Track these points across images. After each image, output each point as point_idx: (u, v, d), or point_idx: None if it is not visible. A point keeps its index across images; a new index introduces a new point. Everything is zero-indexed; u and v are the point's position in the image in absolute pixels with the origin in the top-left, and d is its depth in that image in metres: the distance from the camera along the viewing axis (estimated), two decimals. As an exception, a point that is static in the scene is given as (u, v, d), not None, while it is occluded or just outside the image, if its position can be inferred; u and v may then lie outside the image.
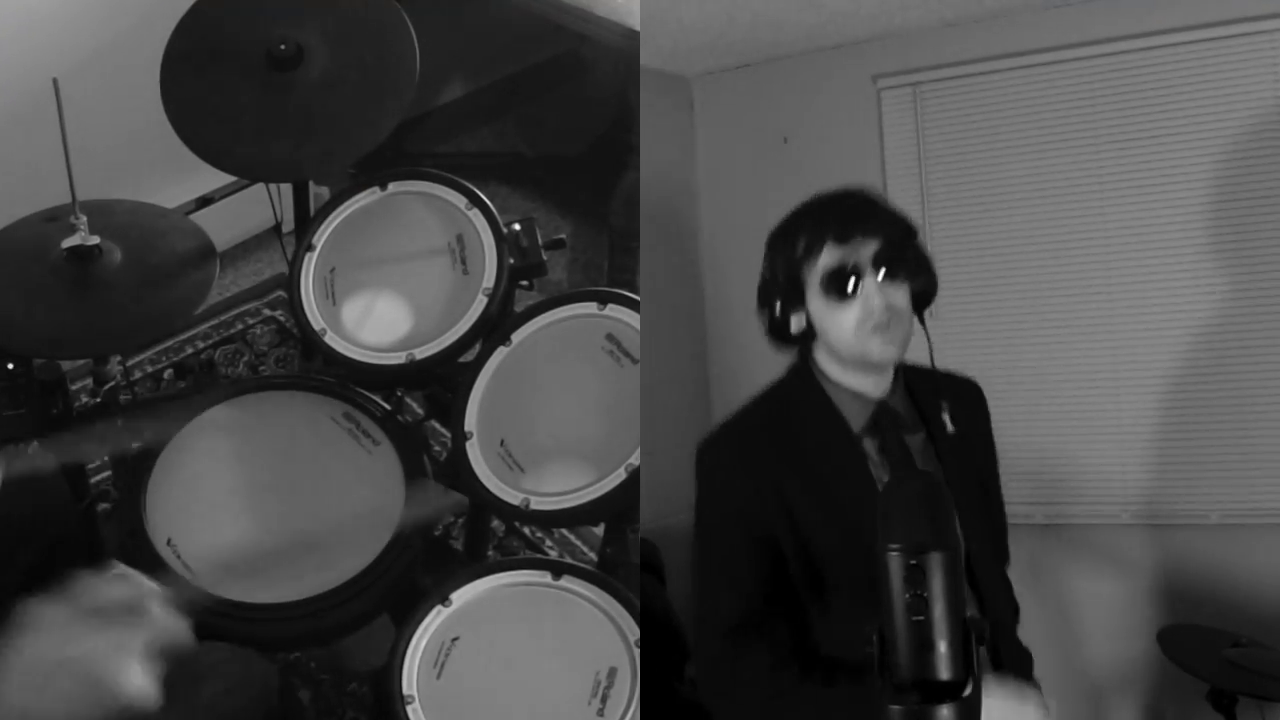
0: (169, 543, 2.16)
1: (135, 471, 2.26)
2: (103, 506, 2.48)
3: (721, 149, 4.10)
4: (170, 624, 1.42)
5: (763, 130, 4.00)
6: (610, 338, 2.28)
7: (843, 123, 3.88)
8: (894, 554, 1.34)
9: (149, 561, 2.13)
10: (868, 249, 1.80)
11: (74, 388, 2.55)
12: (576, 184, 3.77)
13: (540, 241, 2.46)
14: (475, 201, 2.47)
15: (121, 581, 1.44)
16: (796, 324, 1.88)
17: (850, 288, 1.80)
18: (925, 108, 3.74)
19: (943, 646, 1.31)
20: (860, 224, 1.80)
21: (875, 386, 1.88)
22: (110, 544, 2.38)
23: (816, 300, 1.84)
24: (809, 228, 1.85)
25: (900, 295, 1.81)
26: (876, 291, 1.79)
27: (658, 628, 3.09)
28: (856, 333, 1.80)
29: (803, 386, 1.94)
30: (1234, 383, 3.30)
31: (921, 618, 1.30)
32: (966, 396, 1.99)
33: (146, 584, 1.46)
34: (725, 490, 1.90)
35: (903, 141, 3.78)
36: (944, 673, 1.31)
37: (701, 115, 4.14)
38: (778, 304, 1.90)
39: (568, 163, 3.83)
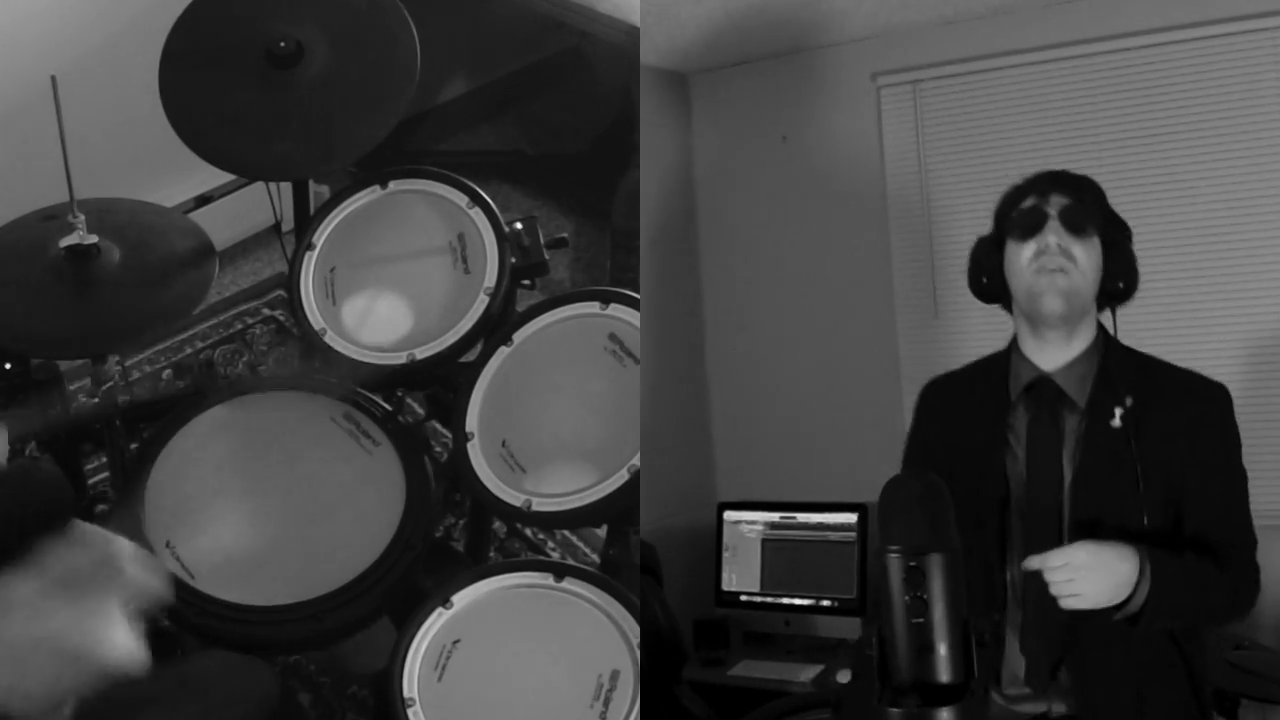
0: (168, 544, 2.15)
1: (134, 472, 2.25)
2: (101, 508, 2.46)
3: (720, 147, 4.09)
4: (145, 580, 1.39)
5: (761, 128, 3.99)
6: (613, 337, 2.27)
7: (842, 121, 3.87)
8: (893, 555, 1.34)
9: (148, 563, 2.12)
10: (1059, 201, 1.94)
11: (72, 388, 2.54)
12: (579, 182, 3.77)
13: (542, 240, 2.46)
14: (476, 200, 2.46)
15: (86, 544, 1.40)
16: (991, 275, 2.02)
17: (1033, 227, 1.93)
18: (925, 106, 3.73)
19: (943, 649, 1.31)
20: (1062, 184, 1.97)
21: (1050, 356, 1.97)
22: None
23: (1009, 245, 1.97)
24: (1020, 186, 2.02)
25: (1081, 251, 1.92)
26: (1054, 232, 1.91)
27: (656, 631, 3.08)
28: (1029, 268, 1.92)
29: (1002, 353, 2.07)
30: (1236, 383, 3.27)
31: (921, 620, 1.30)
32: (1187, 395, 1.99)
33: (115, 541, 1.43)
34: (919, 425, 2.17)
35: (902, 140, 3.77)
36: (944, 675, 1.31)
37: (700, 113, 4.12)
38: (981, 255, 2.05)
39: (570, 161, 3.83)
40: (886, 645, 1.34)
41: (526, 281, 2.46)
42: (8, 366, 2.32)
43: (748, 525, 3.78)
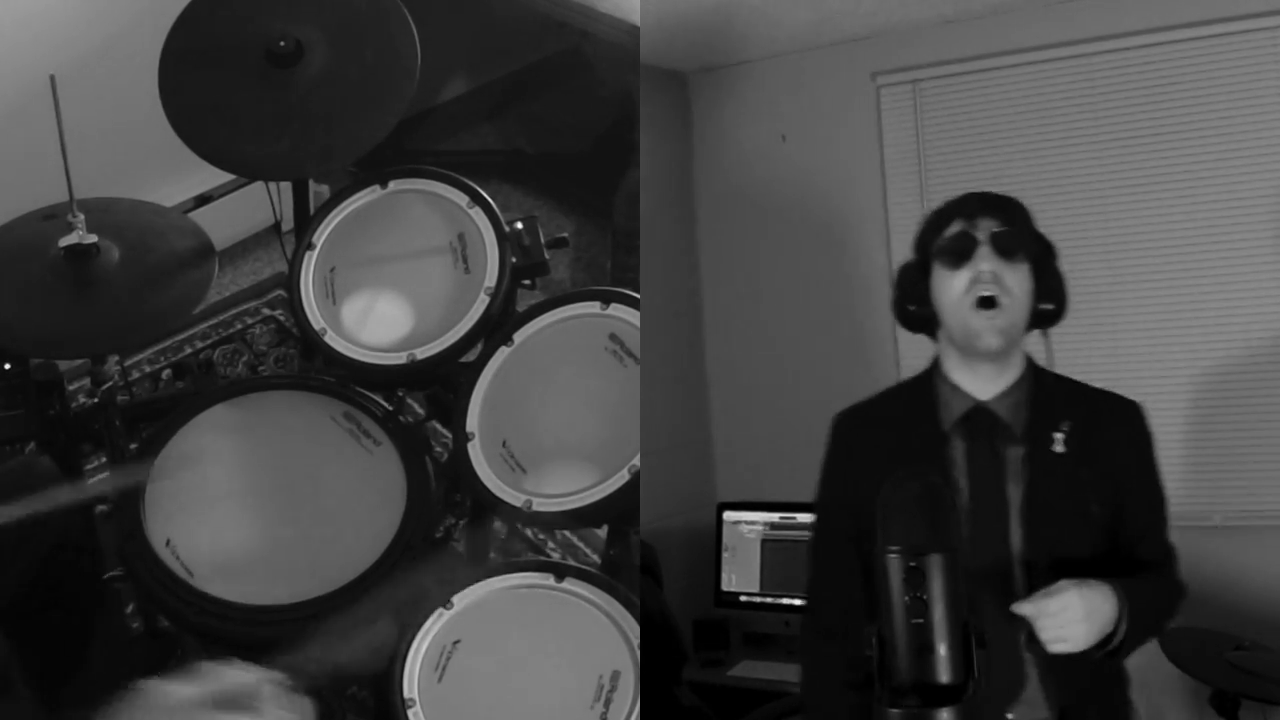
0: (168, 544, 2.15)
1: (133, 474, 2.23)
2: (100, 508, 2.45)
3: (719, 147, 4.09)
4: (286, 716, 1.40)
5: (761, 128, 3.99)
6: (613, 337, 2.27)
7: (841, 120, 3.87)
8: (893, 556, 1.34)
9: (148, 564, 2.12)
10: (988, 225, 1.86)
11: (71, 388, 2.55)
12: (579, 182, 3.76)
13: (542, 240, 2.46)
14: (477, 200, 2.46)
15: (242, 673, 1.41)
16: (919, 303, 1.94)
17: (963, 255, 1.86)
18: (925, 105, 3.73)
19: (942, 649, 1.31)
20: (990, 207, 1.89)
21: (984, 386, 1.91)
22: (109, 546, 2.36)
23: (937, 272, 1.90)
24: (947, 209, 1.94)
25: (1013, 279, 1.85)
26: (987, 259, 1.84)
27: (655, 631, 3.08)
28: (962, 299, 1.85)
29: (924, 379, 2.00)
30: (1238, 383, 3.29)
31: (921, 620, 1.30)
32: (1113, 415, 1.96)
33: (266, 675, 1.44)
34: (833, 464, 2.08)
35: (902, 139, 3.77)
36: (944, 676, 1.31)
37: (699, 113, 4.12)
38: (907, 282, 1.97)
39: (570, 160, 3.82)
40: (886, 646, 1.34)
41: (527, 281, 2.46)
42: (7, 366, 2.32)
43: (747, 525, 3.77)
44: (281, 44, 2.39)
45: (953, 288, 1.86)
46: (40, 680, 2.18)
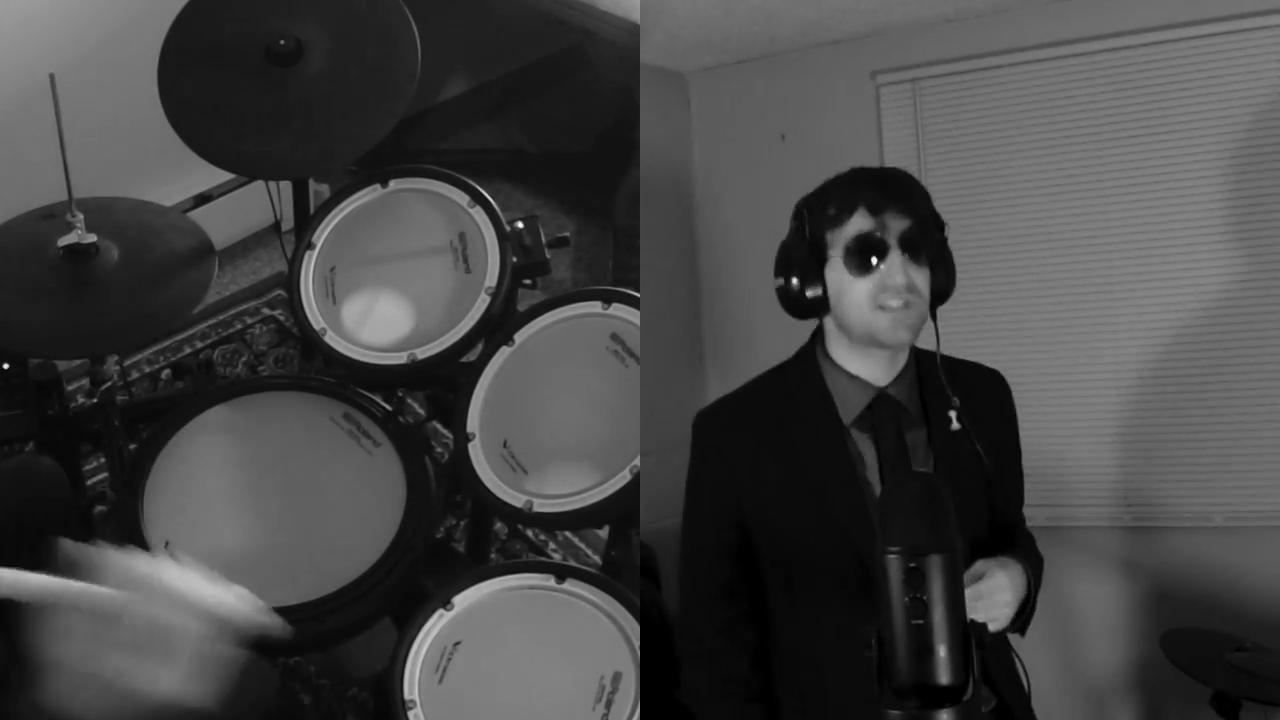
0: (167, 545, 2.14)
1: (133, 473, 2.24)
2: (100, 509, 2.45)
3: (718, 146, 4.08)
4: (209, 647, 1.38)
5: (760, 127, 3.98)
6: (615, 337, 2.27)
7: (841, 119, 3.85)
8: (892, 557, 1.33)
9: (147, 564, 2.11)
10: (897, 225, 1.76)
11: (70, 388, 2.54)
12: (580, 181, 3.76)
13: (543, 240, 2.45)
14: (477, 199, 2.45)
15: (155, 587, 1.39)
16: (812, 292, 1.82)
17: (873, 259, 1.75)
18: (925, 104, 3.72)
19: (942, 651, 1.30)
20: (896, 200, 1.77)
21: (881, 373, 1.85)
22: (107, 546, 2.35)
23: (836, 268, 1.80)
24: (843, 195, 1.80)
25: (921, 279, 1.77)
26: (899, 268, 1.75)
27: (654, 633, 3.07)
28: (870, 305, 1.76)
29: (803, 369, 1.93)
30: (1239, 383, 3.28)
31: (921, 621, 1.29)
32: (984, 386, 1.95)
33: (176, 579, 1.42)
34: (701, 470, 1.96)
35: (902, 138, 3.76)
36: (944, 677, 1.30)
37: (698, 112, 4.11)
38: (797, 269, 1.84)
39: (571, 159, 3.82)
40: (885, 647, 1.33)
41: (528, 281, 2.46)
42: (6, 366, 2.32)
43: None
44: (281, 43, 2.39)
45: (857, 290, 1.78)
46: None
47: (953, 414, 1.81)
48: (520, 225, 2.45)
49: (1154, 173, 3.37)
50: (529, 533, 2.98)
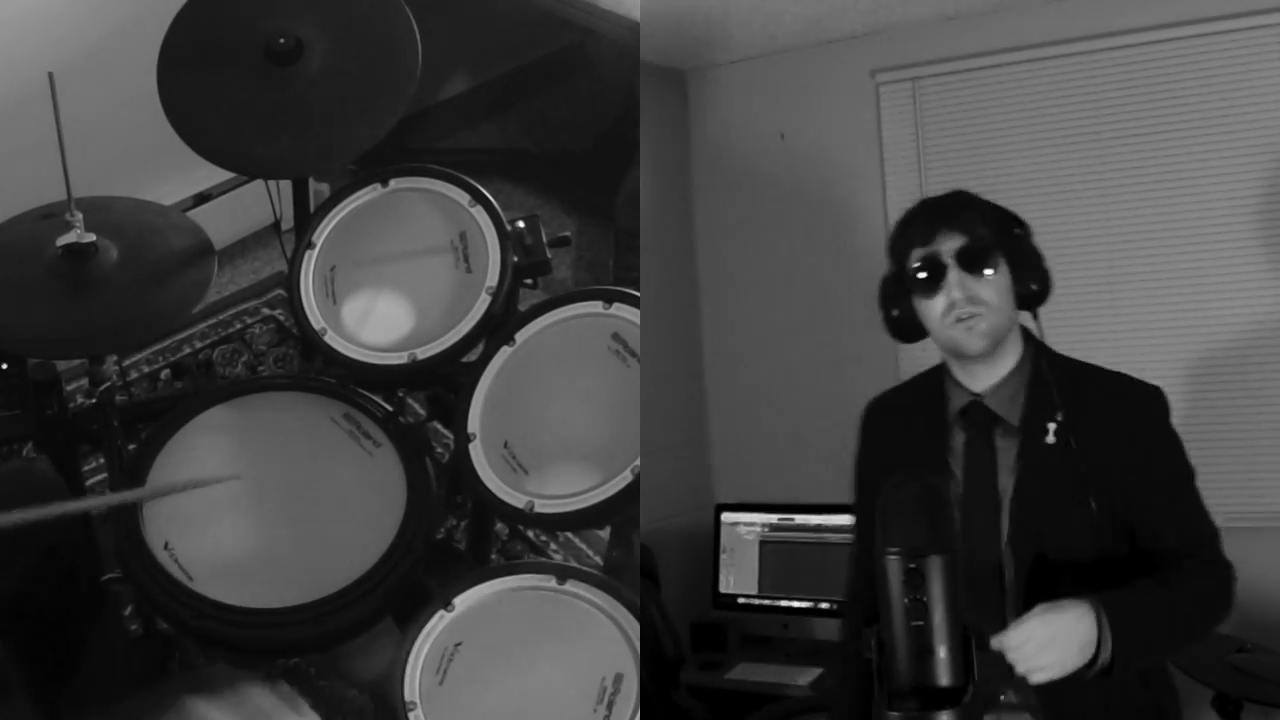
0: (166, 546, 2.13)
1: (132, 474, 2.23)
2: (98, 510, 2.45)
3: (717, 145, 4.08)
4: None
5: (759, 126, 3.98)
6: (616, 337, 2.26)
7: (840, 118, 3.85)
8: (892, 557, 1.33)
9: (146, 566, 2.11)
10: (951, 245, 1.87)
11: (69, 388, 2.54)
12: (582, 180, 3.76)
13: (545, 239, 2.45)
14: (478, 198, 2.45)
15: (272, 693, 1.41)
16: (905, 316, 1.96)
17: (934, 282, 1.88)
18: (925, 103, 3.72)
19: (942, 652, 1.30)
20: (945, 221, 1.89)
21: (978, 380, 1.93)
22: (107, 548, 2.35)
23: (916, 300, 1.93)
24: (901, 229, 1.97)
25: (986, 289, 1.86)
26: (958, 284, 1.85)
27: (653, 634, 3.07)
28: (941, 323, 1.87)
29: (934, 371, 2.04)
30: (1241, 382, 3.28)
31: (921, 622, 1.30)
32: (1119, 399, 1.92)
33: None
34: (861, 473, 2.10)
35: (902, 137, 3.76)
36: (943, 678, 1.31)
37: (696, 110, 4.11)
38: (889, 301, 2.00)
39: (573, 159, 3.82)
40: (885, 648, 1.33)
41: (529, 280, 2.45)
42: (4, 367, 2.31)
43: (745, 527, 3.76)
44: (281, 41, 2.39)
45: (931, 312, 1.89)
46: (38, 684, 2.16)
47: (1051, 427, 1.85)
48: (521, 224, 2.45)
49: (1155, 172, 3.37)
50: (530, 533, 2.98)
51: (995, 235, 1.90)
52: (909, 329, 1.97)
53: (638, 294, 2.29)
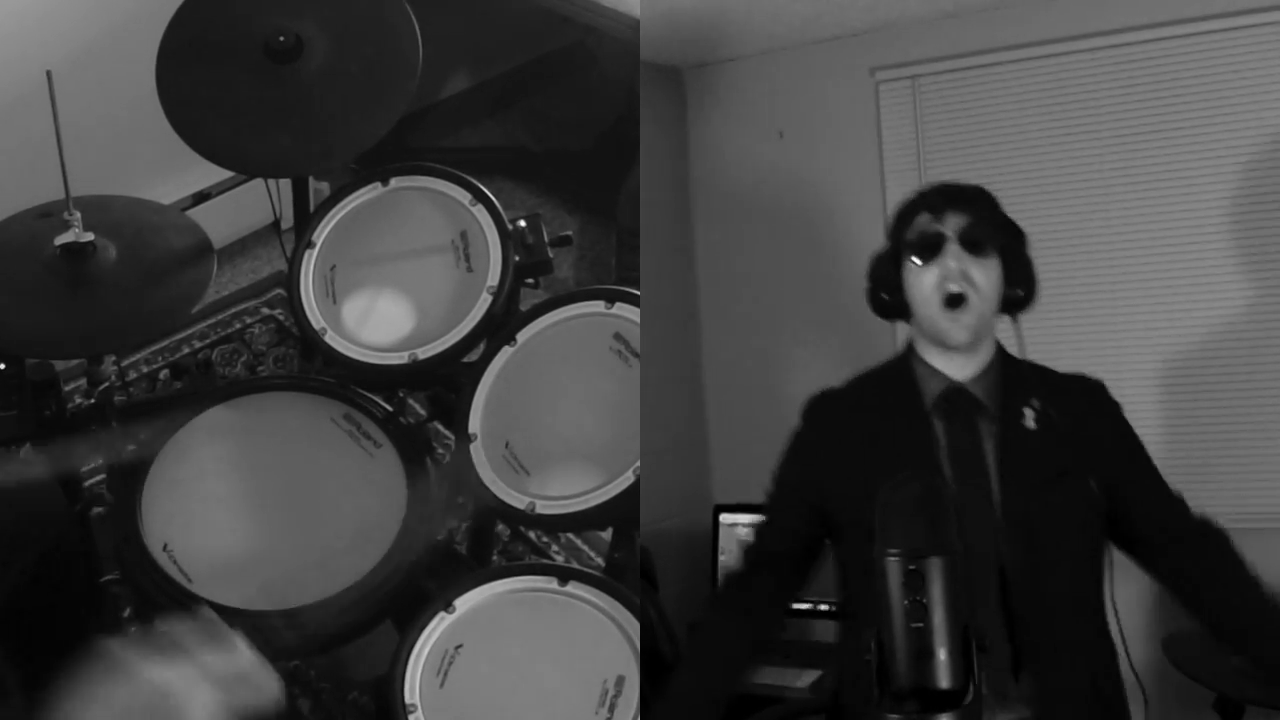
0: (165, 548, 2.14)
1: (131, 475, 2.24)
2: (97, 511, 2.44)
3: (715, 143, 4.07)
4: (255, 673, 1.37)
5: (757, 124, 3.96)
6: (618, 337, 2.26)
7: (839, 116, 3.84)
8: (892, 559, 1.33)
9: (145, 567, 2.10)
10: (956, 221, 1.92)
11: (68, 388, 2.53)
12: (583, 179, 3.76)
13: (546, 238, 2.45)
14: (479, 197, 2.45)
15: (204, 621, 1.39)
16: (891, 293, 1.99)
17: (933, 251, 1.91)
18: (924, 101, 3.71)
19: (942, 654, 1.30)
20: (956, 202, 1.94)
21: (958, 369, 1.96)
22: (105, 549, 2.35)
23: (908, 268, 1.95)
24: (911, 201, 2.01)
25: (981, 273, 1.90)
26: (955, 256, 1.89)
27: (652, 635, 3.06)
28: (934, 296, 1.90)
29: (897, 365, 2.05)
30: (1243, 383, 3.27)
31: (921, 624, 1.29)
32: (1077, 393, 2.00)
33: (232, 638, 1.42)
34: (794, 454, 2.13)
35: (901, 136, 3.75)
36: (943, 681, 1.31)
37: (695, 108, 4.10)
38: (878, 272, 2.02)
39: (574, 157, 3.82)
40: (885, 650, 1.33)
41: (530, 280, 2.45)
42: (3, 366, 2.31)
43: (744, 528, 3.75)
44: (281, 39, 2.39)
45: (922, 283, 1.92)
46: (35, 685, 2.16)
47: (1028, 412, 1.91)
48: (522, 223, 2.44)
49: (1155, 170, 3.36)
50: (531, 534, 2.97)
51: (998, 230, 1.95)
52: (894, 306, 2.00)
53: (639, 293, 2.29)
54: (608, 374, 2.23)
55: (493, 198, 2.45)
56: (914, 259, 1.93)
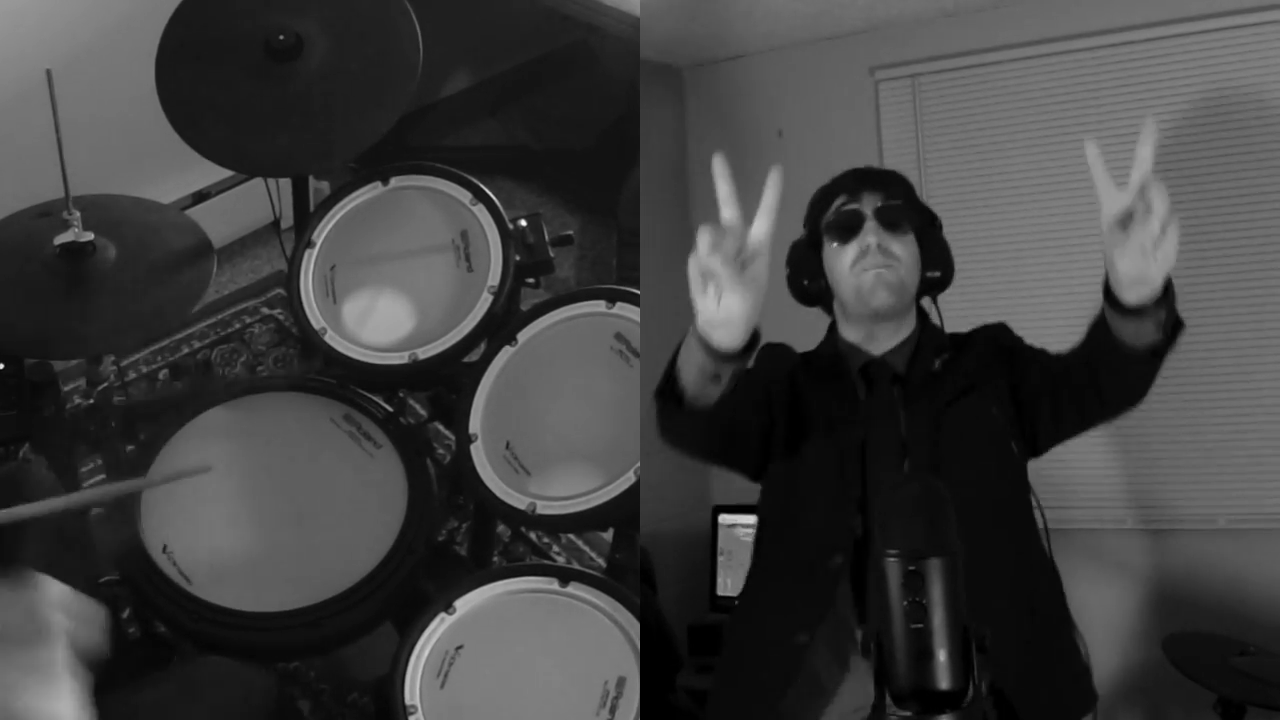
0: (165, 549, 2.14)
1: (130, 475, 2.23)
2: (96, 512, 2.43)
3: (714, 143, 4.04)
4: (77, 629, 1.35)
5: (757, 124, 3.96)
6: (619, 337, 2.26)
7: (839, 116, 3.84)
8: (892, 560, 1.32)
9: (145, 569, 2.10)
10: (873, 200, 1.97)
11: (67, 389, 2.53)
12: (584, 178, 3.75)
13: (547, 238, 2.45)
14: (480, 196, 2.45)
15: (13, 595, 1.36)
16: (812, 278, 2.03)
17: (851, 230, 1.95)
18: (924, 100, 3.70)
19: (942, 655, 1.29)
20: (871, 182, 2.00)
21: (876, 344, 2.00)
22: (104, 550, 2.35)
23: (827, 249, 2.00)
24: (828, 186, 2.05)
25: (899, 247, 1.95)
26: (874, 233, 1.94)
27: (650, 637, 3.06)
28: (852, 270, 1.94)
29: (823, 347, 2.09)
30: (1243, 383, 3.27)
31: (920, 625, 1.29)
32: (982, 338, 2.05)
33: (43, 588, 1.39)
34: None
35: (901, 135, 3.74)
36: (943, 682, 1.30)
37: (694, 108, 4.09)
38: (797, 257, 2.04)
39: (576, 156, 3.81)
40: (884, 651, 1.33)
41: (531, 280, 2.45)
42: (1, 366, 2.30)
43: (743, 529, 3.75)
44: (281, 38, 2.39)
45: (842, 261, 1.96)
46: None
47: (937, 361, 1.97)
48: (523, 223, 2.45)
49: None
50: (532, 535, 2.96)
51: (914, 210, 2.02)
52: (814, 292, 2.04)
53: (640, 293, 2.29)
54: (608, 374, 2.24)
55: (493, 197, 2.45)
56: (833, 241, 1.98)
